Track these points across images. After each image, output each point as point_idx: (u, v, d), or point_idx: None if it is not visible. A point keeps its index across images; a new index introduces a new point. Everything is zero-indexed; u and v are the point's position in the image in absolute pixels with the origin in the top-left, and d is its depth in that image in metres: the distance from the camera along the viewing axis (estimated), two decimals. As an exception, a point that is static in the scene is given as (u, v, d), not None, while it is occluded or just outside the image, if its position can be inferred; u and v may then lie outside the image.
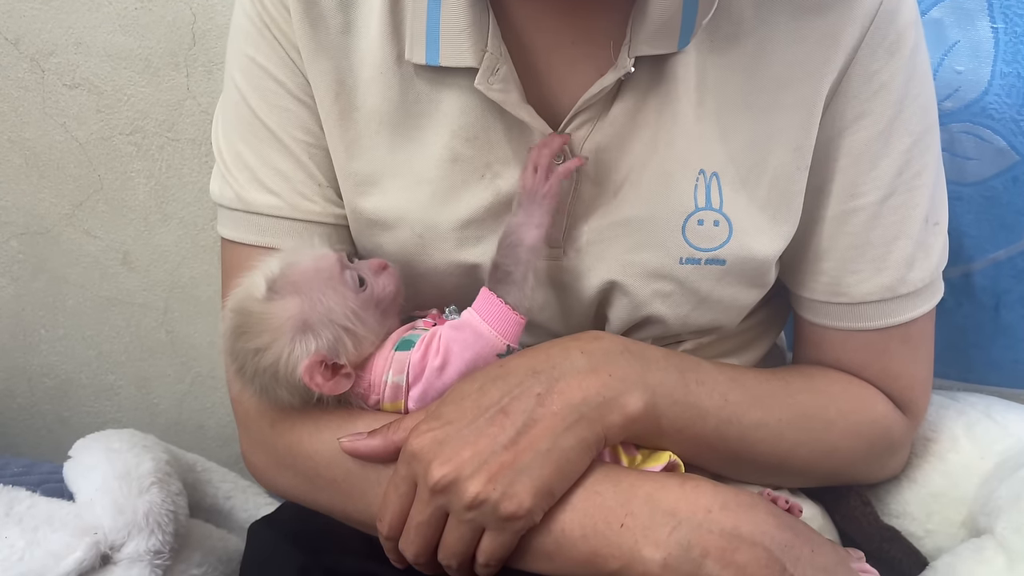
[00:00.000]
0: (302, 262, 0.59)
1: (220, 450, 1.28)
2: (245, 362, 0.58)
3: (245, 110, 0.65)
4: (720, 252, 0.61)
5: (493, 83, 0.59)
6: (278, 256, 0.59)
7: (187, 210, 1.14)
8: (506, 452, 0.53)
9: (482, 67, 0.58)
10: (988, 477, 0.72)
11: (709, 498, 0.54)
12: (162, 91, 1.07)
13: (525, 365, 0.56)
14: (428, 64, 0.60)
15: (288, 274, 0.58)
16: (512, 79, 0.59)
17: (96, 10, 1.03)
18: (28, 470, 0.85)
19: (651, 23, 0.57)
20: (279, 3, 0.62)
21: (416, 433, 0.55)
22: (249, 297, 0.58)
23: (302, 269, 0.58)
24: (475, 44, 0.59)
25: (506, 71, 0.59)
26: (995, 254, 0.86)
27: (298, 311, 0.57)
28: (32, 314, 1.23)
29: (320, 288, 0.58)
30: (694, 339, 0.67)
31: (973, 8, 0.78)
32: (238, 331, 0.58)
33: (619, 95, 0.60)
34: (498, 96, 0.59)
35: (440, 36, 0.59)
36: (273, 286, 0.57)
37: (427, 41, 0.59)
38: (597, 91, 0.59)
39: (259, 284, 0.57)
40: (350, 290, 0.59)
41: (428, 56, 0.59)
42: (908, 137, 0.61)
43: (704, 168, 0.60)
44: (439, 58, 0.59)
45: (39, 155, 1.12)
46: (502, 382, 0.55)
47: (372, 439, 0.58)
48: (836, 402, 0.65)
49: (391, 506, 0.56)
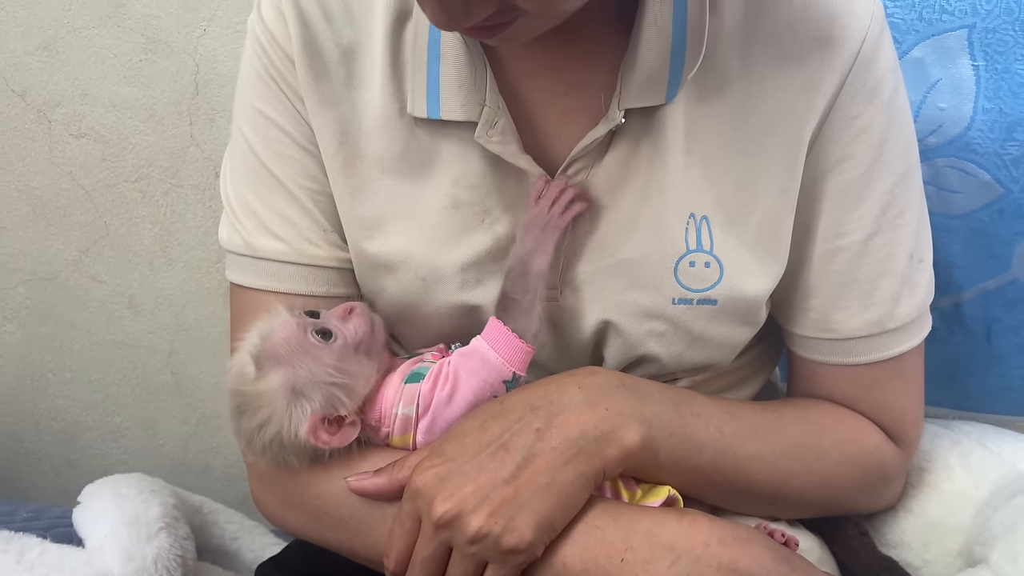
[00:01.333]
0: (274, 333, 0.60)
1: (226, 490, 1.29)
2: (252, 438, 0.59)
3: (252, 159, 0.67)
4: (711, 292, 0.62)
5: (492, 135, 0.61)
6: (255, 329, 0.60)
7: (191, 254, 1.16)
8: (507, 487, 0.54)
9: (481, 120, 0.60)
10: (983, 506, 0.73)
11: (707, 532, 0.54)
12: (166, 139, 1.09)
13: (524, 401, 0.58)
14: (429, 118, 0.62)
15: (268, 347, 0.59)
16: (510, 130, 0.61)
17: (101, 62, 1.06)
18: (37, 515, 0.86)
19: (639, 77, 0.59)
20: (284, 56, 0.64)
21: (419, 470, 0.56)
22: (241, 377, 0.59)
23: (275, 340, 0.59)
24: (474, 98, 0.61)
25: (504, 123, 0.61)
26: (984, 284, 0.87)
27: (284, 381, 0.58)
28: (39, 358, 1.24)
29: (295, 354, 0.59)
30: (689, 376, 0.68)
31: (954, 47, 0.80)
32: (238, 411, 0.59)
33: (612, 144, 0.62)
34: (497, 148, 0.61)
35: (440, 91, 0.61)
36: (259, 362, 0.58)
37: (428, 95, 0.61)
38: (589, 141, 0.61)
39: (247, 363, 0.59)
40: (320, 349, 0.59)
41: (429, 110, 0.61)
42: (890, 178, 0.63)
43: (694, 212, 0.61)
44: (440, 112, 0.61)
45: (46, 203, 1.14)
46: (502, 418, 0.57)
47: (377, 477, 0.59)
48: (829, 433, 0.66)
49: (396, 542, 0.57)
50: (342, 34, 0.64)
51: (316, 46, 0.64)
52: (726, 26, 0.60)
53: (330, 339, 0.60)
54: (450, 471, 0.55)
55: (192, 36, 1.04)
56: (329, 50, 0.64)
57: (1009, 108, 0.80)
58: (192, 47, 1.04)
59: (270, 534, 0.96)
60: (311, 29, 0.64)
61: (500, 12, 0.48)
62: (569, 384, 0.59)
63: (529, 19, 0.50)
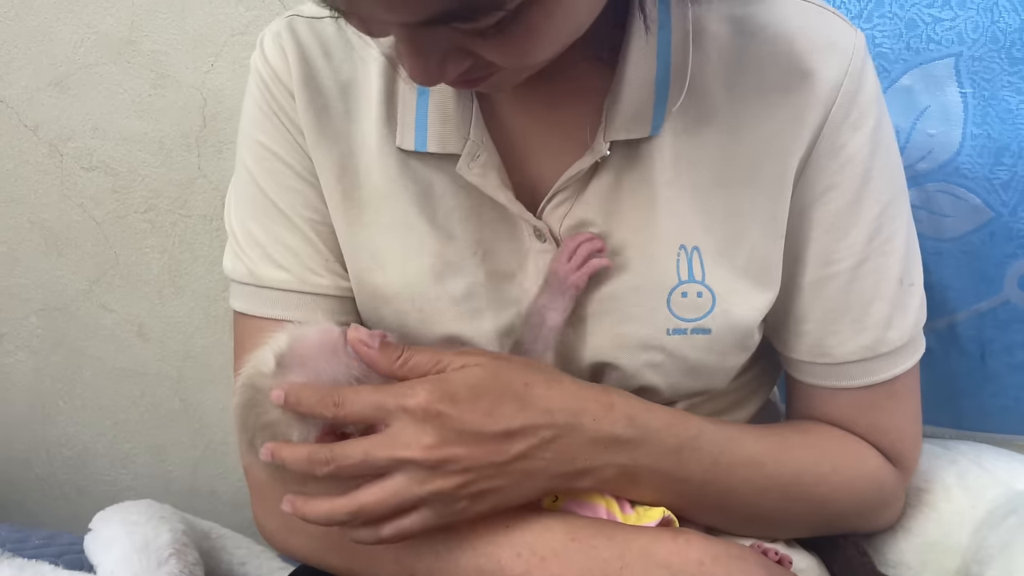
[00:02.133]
0: (308, 336, 0.60)
1: (233, 515, 1.29)
2: (256, 436, 0.59)
3: (255, 191, 0.68)
4: (705, 322, 0.63)
5: (473, 168, 0.62)
6: (286, 331, 0.61)
7: (199, 283, 1.17)
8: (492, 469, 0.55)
9: (463, 153, 0.62)
10: (980, 525, 0.73)
11: (701, 551, 0.56)
12: (175, 171, 1.11)
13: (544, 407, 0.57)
14: (416, 150, 0.64)
15: (295, 348, 0.59)
16: (492, 164, 0.63)
17: (112, 97, 1.09)
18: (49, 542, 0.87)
19: (624, 110, 0.61)
20: (286, 91, 0.66)
21: (420, 394, 0.55)
22: (259, 373, 0.59)
23: (308, 343, 0.59)
24: (459, 132, 0.63)
25: (486, 157, 0.62)
26: (977, 305, 0.88)
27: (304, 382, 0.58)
28: (50, 386, 1.26)
29: (325, 360, 0.59)
30: (686, 401, 0.69)
31: (941, 75, 0.82)
32: (249, 406, 0.59)
33: (595, 175, 0.63)
34: (477, 180, 0.62)
35: (428, 124, 0.63)
36: (281, 361, 0.58)
37: (416, 129, 0.63)
38: (574, 173, 0.62)
39: (268, 359, 0.58)
40: (353, 360, 0.60)
41: (416, 143, 0.63)
42: (877, 205, 0.64)
43: (685, 243, 0.62)
44: (426, 144, 0.63)
45: (58, 235, 1.17)
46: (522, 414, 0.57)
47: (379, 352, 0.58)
48: (830, 458, 0.67)
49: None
50: (340, 70, 0.66)
51: (316, 82, 0.66)
52: (711, 59, 0.62)
53: None
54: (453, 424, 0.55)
55: (200, 71, 1.06)
56: (328, 86, 0.66)
57: (997, 134, 0.81)
58: (200, 82, 1.06)
59: (277, 559, 0.96)
60: (311, 66, 0.66)
61: (476, 67, 0.50)
62: (586, 414, 0.58)
63: (507, 72, 0.52)
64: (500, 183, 0.63)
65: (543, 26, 0.48)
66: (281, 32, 0.67)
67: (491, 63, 0.49)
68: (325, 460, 0.55)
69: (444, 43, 0.48)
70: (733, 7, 0.62)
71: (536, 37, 0.48)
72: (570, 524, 0.58)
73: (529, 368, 0.59)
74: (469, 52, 0.49)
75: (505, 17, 0.45)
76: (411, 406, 0.55)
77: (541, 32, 0.48)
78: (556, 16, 0.48)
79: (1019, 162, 0.81)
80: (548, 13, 0.47)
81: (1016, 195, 0.82)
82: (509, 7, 0.44)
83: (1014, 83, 0.80)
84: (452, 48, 0.48)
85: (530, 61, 0.50)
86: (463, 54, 0.49)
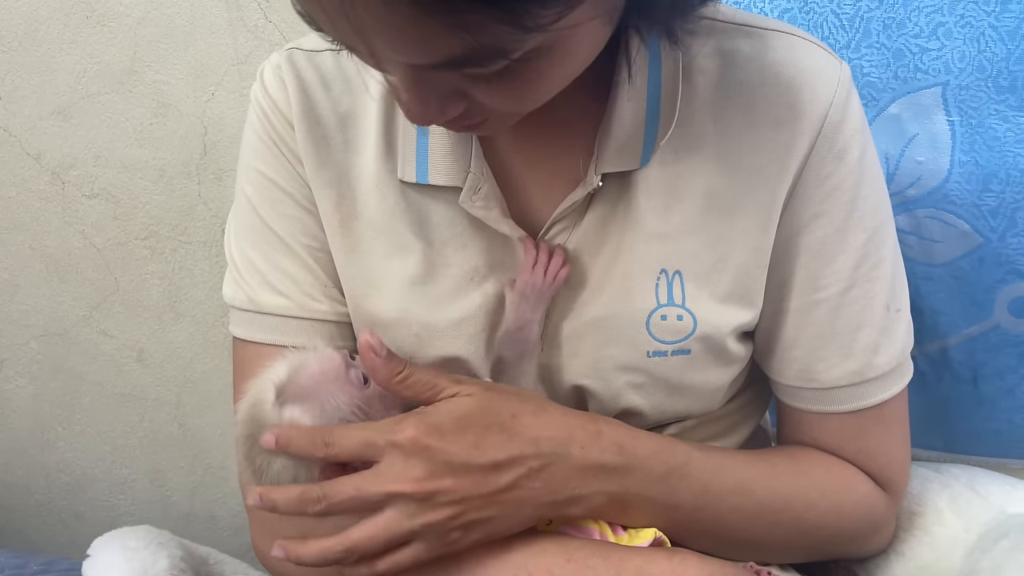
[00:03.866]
0: (309, 365, 0.60)
1: (231, 540, 1.29)
2: (262, 468, 0.59)
3: (255, 219, 0.69)
4: (685, 344, 0.64)
5: (476, 201, 0.64)
6: (284, 361, 0.61)
7: (199, 308, 1.18)
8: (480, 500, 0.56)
9: (465, 187, 0.63)
10: (972, 549, 0.73)
11: (696, 570, 0.56)
12: (175, 198, 1.12)
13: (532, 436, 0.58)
14: (418, 183, 0.65)
15: (296, 379, 0.59)
16: (494, 196, 0.64)
17: (113, 126, 1.10)
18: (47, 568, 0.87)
19: (615, 143, 0.62)
20: (285, 121, 0.68)
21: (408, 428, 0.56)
22: (260, 404, 0.59)
23: (309, 372, 0.60)
24: (459, 165, 0.64)
25: (488, 189, 0.64)
26: (968, 330, 0.89)
27: (308, 415, 0.58)
28: (50, 412, 1.26)
29: (327, 388, 0.59)
30: (678, 424, 0.70)
31: (929, 103, 0.83)
32: (252, 439, 0.59)
33: (591, 205, 0.65)
34: (480, 213, 0.64)
35: (429, 157, 0.64)
36: (282, 393, 0.58)
37: (417, 161, 0.65)
38: (568, 205, 0.63)
39: (268, 391, 0.58)
40: (355, 387, 0.60)
41: (418, 176, 0.65)
42: (863, 233, 0.65)
43: (666, 268, 0.63)
44: (428, 177, 0.64)
45: (59, 261, 1.17)
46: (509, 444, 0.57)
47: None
48: (820, 483, 0.68)
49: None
50: (340, 102, 0.67)
51: (315, 113, 0.67)
52: (700, 90, 0.63)
53: (365, 383, 0.61)
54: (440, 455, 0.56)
55: (200, 100, 1.07)
56: (327, 117, 0.67)
57: (984, 161, 0.82)
58: (200, 111, 1.08)
59: (274, 584, 0.96)
60: (311, 97, 0.67)
61: (471, 112, 0.51)
62: (573, 443, 0.59)
63: (499, 117, 0.53)
64: (502, 214, 0.64)
65: (546, 74, 0.49)
66: (281, 64, 0.68)
67: (486, 107, 0.50)
68: (316, 499, 0.55)
69: (445, 86, 0.49)
70: (721, 41, 0.63)
71: (536, 84, 0.49)
72: (566, 545, 0.59)
73: (518, 398, 0.60)
74: (466, 95, 0.50)
75: (510, 65, 0.46)
76: (399, 440, 0.55)
77: (543, 80, 0.49)
78: (559, 65, 0.49)
79: (1007, 188, 0.83)
80: (552, 61, 0.48)
81: (1004, 221, 0.83)
82: (515, 56, 0.45)
83: (1001, 111, 0.81)
84: (452, 91, 0.49)
85: (525, 107, 0.52)
86: (460, 97, 0.50)
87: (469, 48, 0.43)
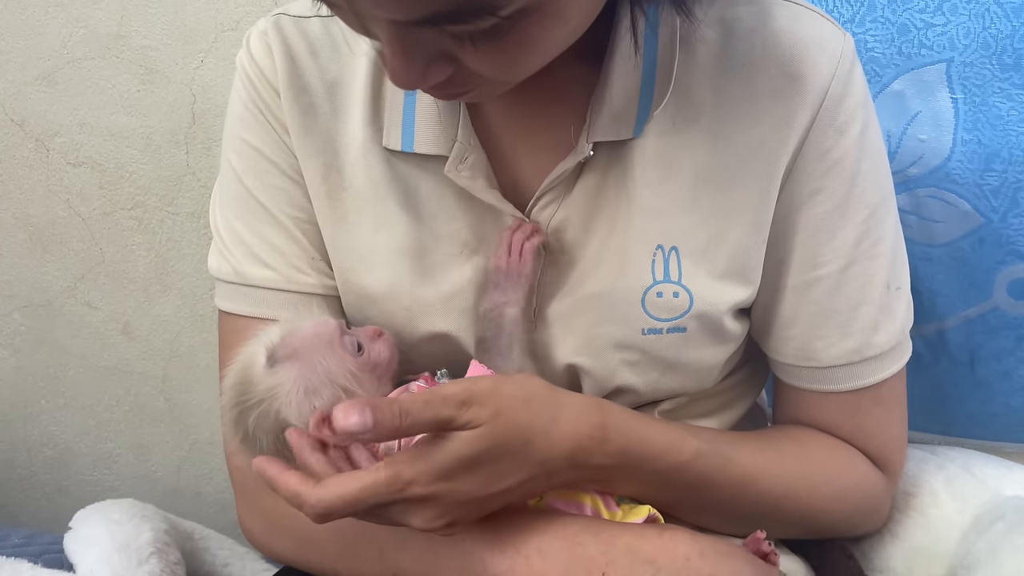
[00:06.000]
0: (303, 329, 0.60)
1: (218, 516, 1.29)
2: (250, 430, 0.58)
3: (240, 189, 0.68)
4: (681, 321, 0.63)
5: (461, 170, 0.62)
6: (278, 326, 0.60)
7: (185, 281, 1.17)
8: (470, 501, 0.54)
9: (451, 156, 0.62)
10: (967, 531, 0.74)
11: (687, 547, 0.55)
12: (162, 168, 1.11)
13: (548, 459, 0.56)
14: (403, 151, 0.63)
15: (288, 341, 0.59)
16: (480, 166, 0.63)
17: (100, 92, 1.08)
18: (28, 541, 0.86)
19: (608, 111, 0.61)
20: (271, 89, 0.66)
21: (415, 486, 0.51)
22: (250, 366, 0.58)
23: (303, 335, 0.59)
24: (446, 133, 0.62)
25: (474, 159, 0.62)
26: (967, 312, 0.88)
27: (298, 375, 0.58)
28: (33, 385, 1.25)
29: (320, 352, 0.59)
30: (672, 399, 0.69)
31: (933, 80, 0.82)
32: (241, 401, 0.58)
33: (581, 176, 0.63)
34: (465, 183, 0.62)
35: (415, 125, 0.63)
36: (273, 355, 0.58)
37: (403, 129, 0.63)
38: (558, 174, 0.62)
39: (259, 353, 0.58)
40: (349, 354, 0.60)
41: (403, 143, 0.63)
42: (864, 209, 0.64)
43: (662, 243, 0.62)
44: (413, 145, 0.63)
45: (43, 231, 1.16)
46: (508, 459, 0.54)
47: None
48: (823, 468, 0.67)
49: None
50: (328, 69, 0.66)
51: (302, 81, 0.65)
52: (698, 61, 0.62)
53: (359, 351, 0.61)
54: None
55: (189, 67, 1.05)
56: (314, 84, 0.66)
57: (987, 140, 0.82)
58: (189, 78, 1.06)
59: (261, 560, 0.96)
60: (297, 64, 0.66)
61: (458, 77, 0.49)
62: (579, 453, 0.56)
63: (487, 85, 0.52)
64: (488, 184, 0.63)
65: (536, 37, 0.47)
66: (268, 30, 0.67)
67: (474, 73, 0.49)
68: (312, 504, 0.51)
69: (431, 47, 0.47)
70: (723, 9, 0.62)
71: (526, 49, 0.48)
72: (555, 522, 0.58)
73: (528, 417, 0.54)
74: (454, 59, 0.48)
75: (498, 24, 0.44)
76: (408, 497, 0.51)
77: (532, 43, 0.47)
78: (549, 28, 0.47)
79: (1009, 168, 0.82)
80: (542, 25, 0.46)
81: (1006, 201, 0.83)
82: (503, 14, 0.43)
83: (1005, 89, 0.81)
84: (438, 53, 0.48)
85: (514, 74, 0.50)
86: (448, 60, 0.48)
87: (453, 2, 0.42)
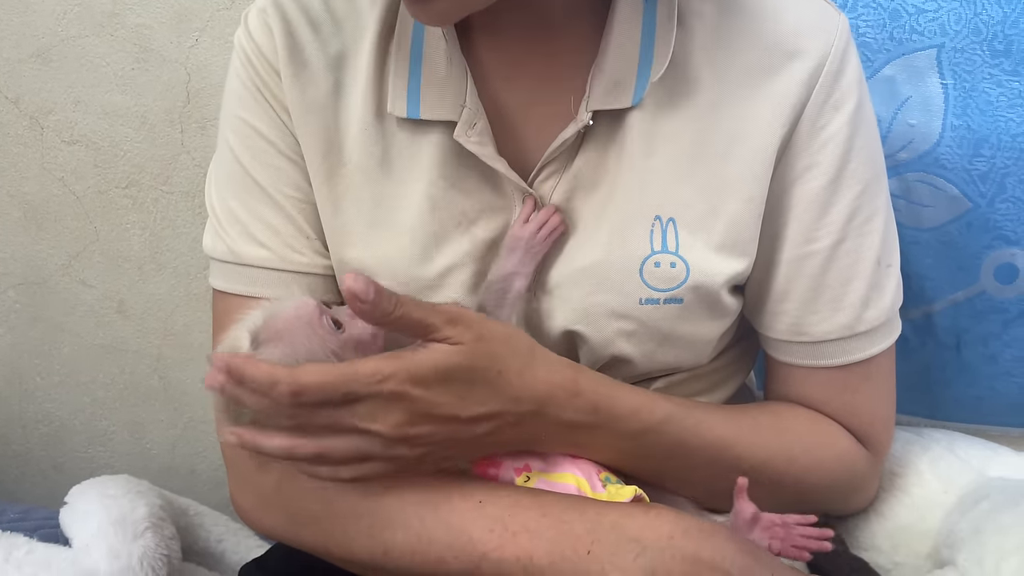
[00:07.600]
0: (285, 310, 0.60)
1: (212, 493, 1.29)
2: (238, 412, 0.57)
3: (237, 168, 0.68)
4: (677, 292, 0.64)
5: (471, 136, 0.63)
6: (261, 308, 0.60)
7: (180, 260, 1.17)
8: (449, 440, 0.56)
9: (461, 120, 0.62)
10: (951, 510, 0.75)
11: (671, 525, 0.56)
12: (157, 146, 1.10)
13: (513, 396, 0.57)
14: (409, 117, 0.64)
15: (271, 324, 0.59)
16: (487, 132, 0.63)
17: (94, 70, 1.08)
18: (24, 516, 0.87)
19: (607, 80, 0.62)
20: (270, 67, 0.66)
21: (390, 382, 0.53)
22: (235, 350, 0.58)
23: (284, 317, 0.59)
24: (454, 99, 0.63)
25: (482, 125, 0.63)
26: (954, 295, 0.89)
27: (282, 357, 0.57)
28: (28, 362, 1.25)
29: (301, 332, 0.59)
30: (665, 378, 0.70)
31: (923, 66, 0.83)
32: None
33: (582, 147, 0.64)
34: (476, 148, 0.63)
35: (421, 91, 0.63)
36: (257, 337, 0.58)
37: (408, 95, 0.63)
38: (559, 144, 0.63)
39: (243, 336, 0.58)
40: (328, 333, 0.60)
41: (409, 110, 0.63)
42: (857, 185, 0.65)
43: (660, 214, 0.63)
44: (420, 111, 0.63)
45: (37, 208, 1.15)
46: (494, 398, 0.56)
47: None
48: (801, 438, 0.68)
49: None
50: (329, 43, 0.66)
51: (303, 56, 0.65)
52: (695, 35, 0.62)
53: (339, 329, 0.60)
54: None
55: (184, 46, 1.05)
56: (316, 60, 0.66)
57: (977, 125, 0.82)
58: (184, 56, 1.05)
59: (254, 536, 0.97)
60: (297, 39, 0.66)
61: None
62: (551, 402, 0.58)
63: None
64: (496, 151, 0.64)
65: None
66: (266, 7, 0.66)
67: None
68: (290, 415, 0.53)
69: None
70: None
71: None
72: (542, 500, 0.59)
73: (507, 351, 0.58)
74: None
75: None
76: (382, 392, 0.53)
77: None
78: None
79: (998, 154, 0.82)
80: None
81: (994, 186, 0.83)
82: None
83: (995, 75, 0.81)
84: None
85: None
86: None
87: None
